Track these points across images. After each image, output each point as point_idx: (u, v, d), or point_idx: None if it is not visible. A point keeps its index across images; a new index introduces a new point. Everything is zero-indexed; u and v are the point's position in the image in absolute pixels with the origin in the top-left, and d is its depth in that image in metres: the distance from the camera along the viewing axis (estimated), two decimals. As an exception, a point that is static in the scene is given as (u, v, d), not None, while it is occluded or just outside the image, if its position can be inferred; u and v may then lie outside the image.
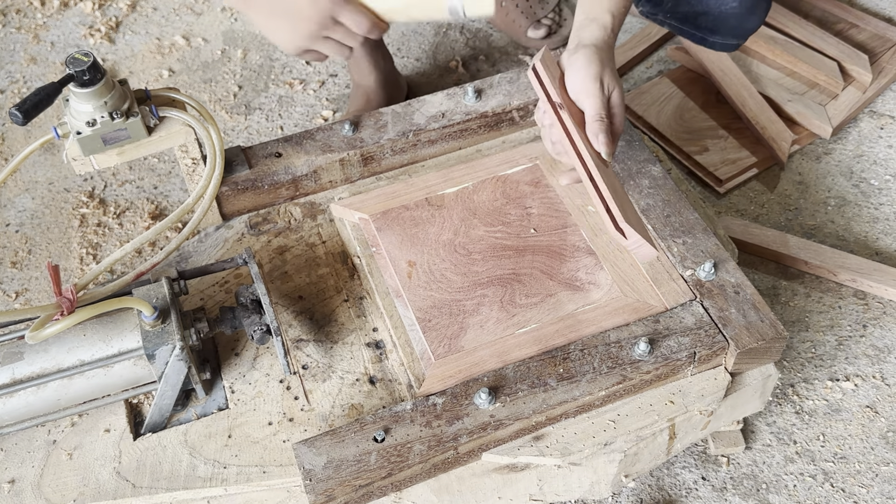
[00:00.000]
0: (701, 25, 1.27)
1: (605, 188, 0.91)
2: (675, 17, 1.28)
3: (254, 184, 1.16)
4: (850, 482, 1.19)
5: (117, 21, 1.87)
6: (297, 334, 1.06)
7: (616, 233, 0.91)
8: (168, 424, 1.00)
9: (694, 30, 1.28)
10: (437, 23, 1.08)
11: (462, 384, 0.97)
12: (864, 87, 1.59)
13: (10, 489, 0.96)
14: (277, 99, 1.70)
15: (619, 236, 0.91)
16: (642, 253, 0.92)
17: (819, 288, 1.39)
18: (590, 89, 0.92)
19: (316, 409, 1.00)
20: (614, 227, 0.91)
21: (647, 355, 0.98)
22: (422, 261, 1.09)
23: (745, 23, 1.26)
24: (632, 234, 0.90)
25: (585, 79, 0.93)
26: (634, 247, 0.92)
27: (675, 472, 1.20)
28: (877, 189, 1.51)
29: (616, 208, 0.90)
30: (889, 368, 1.30)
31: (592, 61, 0.93)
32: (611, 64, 0.95)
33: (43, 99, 0.93)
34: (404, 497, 0.97)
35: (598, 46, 0.96)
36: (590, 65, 0.93)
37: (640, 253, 0.92)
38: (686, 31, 1.30)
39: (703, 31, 1.28)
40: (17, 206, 1.56)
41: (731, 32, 1.27)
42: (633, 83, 1.71)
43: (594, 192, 0.93)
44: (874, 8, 1.79)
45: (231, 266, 1.03)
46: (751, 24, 1.26)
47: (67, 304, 0.90)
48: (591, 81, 0.92)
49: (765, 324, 1.01)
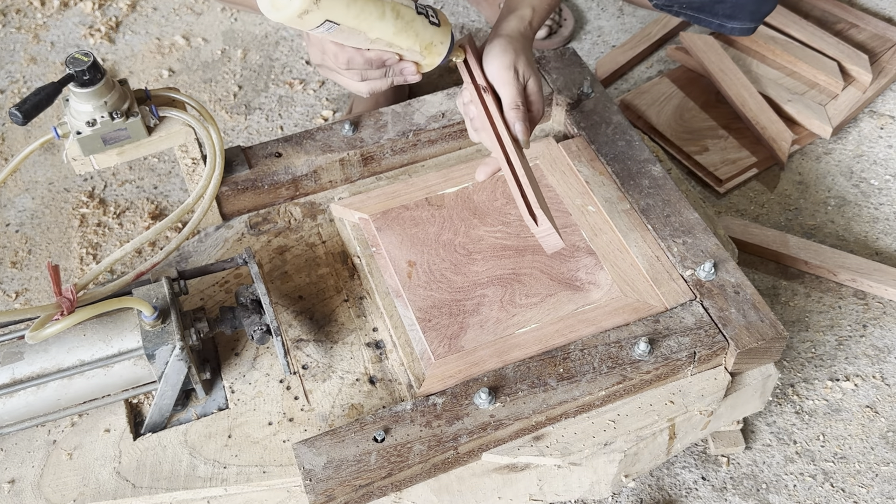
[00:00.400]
0: (717, 13, 1.30)
1: (522, 173, 0.93)
2: (690, 6, 1.31)
3: (254, 184, 1.16)
4: (850, 482, 1.19)
5: (117, 21, 1.87)
6: (297, 334, 1.06)
7: (529, 219, 0.92)
8: (168, 424, 1.00)
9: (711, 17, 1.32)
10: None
11: (462, 384, 0.97)
12: (864, 87, 1.59)
13: (10, 489, 0.96)
14: (277, 99, 1.70)
15: (531, 222, 0.92)
16: (550, 242, 0.93)
17: (819, 288, 1.39)
18: (504, 77, 0.95)
19: (316, 409, 1.00)
20: (528, 213, 0.92)
21: (647, 355, 0.99)
22: (422, 261, 1.09)
23: (761, 6, 1.30)
24: (543, 222, 0.92)
25: (500, 68, 0.95)
26: (543, 234, 0.93)
27: (675, 472, 1.20)
28: (877, 189, 1.51)
29: (532, 194, 0.92)
30: (889, 368, 1.30)
31: (507, 51, 0.96)
32: (526, 53, 0.98)
33: (43, 99, 0.93)
34: (404, 497, 0.97)
35: (513, 37, 0.98)
36: (504, 54, 0.96)
37: (547, 242, 0.93)
38: (703, 20, 1.33)
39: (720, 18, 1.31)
40: (17, 206, 1.56)
41: (748, 17, 1.31)
42: (633, 83, 1.71)
43: (511, 176, 0.94)
44: (874, 8, 1.79)
45: (231, 266, 1.03)
46: (767, 6, 1.31)
47: (67, 304, 0.90)
48: (506, 70, 0.95)
49: (765, 324, 1.01)
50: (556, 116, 1.28)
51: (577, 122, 1.22)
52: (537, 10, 1.03)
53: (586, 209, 1.14)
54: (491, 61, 0.96)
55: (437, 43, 0.93)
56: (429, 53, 0.93)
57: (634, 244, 1.09)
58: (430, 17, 0.92)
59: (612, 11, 1.84)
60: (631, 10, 1.84)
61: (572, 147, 1.20)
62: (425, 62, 0.95)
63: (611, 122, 1.22)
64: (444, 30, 0.93)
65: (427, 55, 0.93)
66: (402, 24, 0.89)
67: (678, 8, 1.33)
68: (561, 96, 1.25)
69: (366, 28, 0.86)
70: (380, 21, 0.86)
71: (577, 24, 1.82)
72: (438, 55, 0.94)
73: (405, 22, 0.89)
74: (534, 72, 0.98)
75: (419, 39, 0.91)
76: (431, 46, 0.93)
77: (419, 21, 0.90)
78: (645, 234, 1.10)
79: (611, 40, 1.79)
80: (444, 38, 0.93)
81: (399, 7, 0.88)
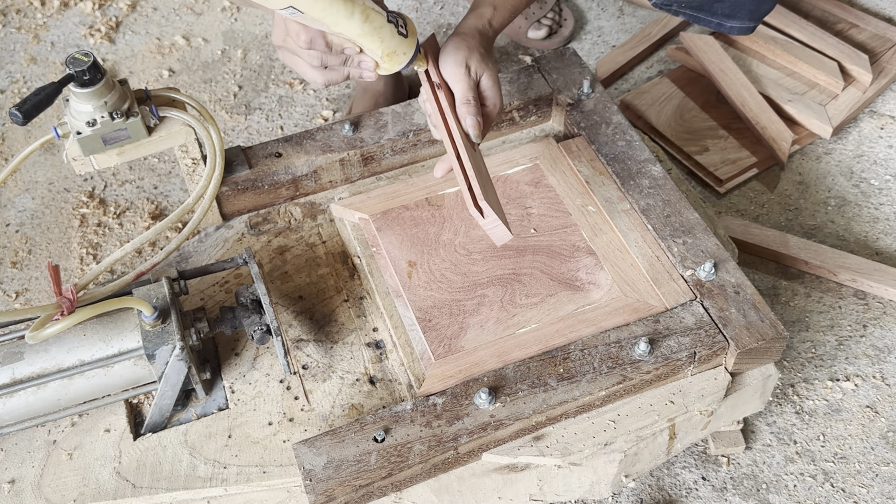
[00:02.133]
0: (716, 11, 1.31)
1: (470, 166, 0.95)
2: (689, 6, 1.32)
3: (254, 184, 1.16)
4: (850, 482, 1.19)
5: (117, 21, 1.87)
6: (297, 334, 1.06)
7: (475, 211, 0.94)
8: (168, 424, 1.00)
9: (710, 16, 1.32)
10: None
11: (462, 384, 0.97)
12: (864, 87, 1.59)
13: (10, 489, 0.96)
14: (277, 99, 1.70)
15: (478, 214, 0.94)
16: (497, 234, 0.95)
17: (819, 288, 1.39)
18: (456, 74, 0.97)
19: (316, 409, 1.00)
20: (474, 205, 0.94)
21: (648, 355, 0.99)
22: (422, 261, 1.09)
23: (760, 5, 1.30)
24: (489, 214, 0.93)
25: (452, 64, 0.97)
26: (490, 226, 0.94)
27: (675, 472, 1.20)
28: (877, 189, 1.51)
29: (477, 186, 0.94)
30: (889, 368, 1.30)
31: (460, 48, 0.98)
32: (480, 50, 0.99)
33: (43, 99, 0.93)
34: (404, 497, 0.97)
35: (468, 34, 1.00)
36: (457, 51, 0.98)
37: (495, 233, 0.95)
38: (702, 19, 1.33)
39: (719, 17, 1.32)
40: (17, 206, 1.56)
41: (747, 16, 1.31)
42: (633, 83, 1.71)
43: (459, 169, 0.96)
44: (874, 8, 1.79)
45: (231, 266, 1.03)
46: (766, 5, 1.31)
47: (67, 304, 0.90)
48: (457, 66, 0.97)
49: (765, 324, 1.01)
50: (556, 116, 1.28)
51: (577, 122, 1.22)
52: (499, 8, 1.05)
53: (586, 209, 1.14)
54: (444, 59, 0.98)
55: (399, 53, 0.93)
56: (389, 60, 0.94)
57: (634, 244, 1.09)
58: (399, 28, 0.92)
59: (612, 11, 1.84)
60: (631, 10, 1.84)
61: (572, 147, 1.20)
62: (384, 66, 0.95)
63: (611, 122, 1.22)
64: (410, 41, 0.94)
65: (387, 62, 0.94)
66: (370, 28, 0.89)
67: (677, 7, 1.33)
68: (561, 96, 1.25)
69: (330, 23, 0.87)
70: (346, 20, 0.87)
71: (577, 24, 1.82)
72: (398, 64, 0.94)
73: (373, 27, 0.89)
74: (488, 68, 0.99)
75: (383, 46, 0.92)
76: (393, 55, 0.93)
77: (387, 29, 0.91)
78: (645, 234, 1.10)
79: (611, 40, 1.79)
80: (408, 50, 0.94)
81: (370, 12, 0.88)
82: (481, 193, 0.94)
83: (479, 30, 1.02)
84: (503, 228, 0.94)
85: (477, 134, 0.98)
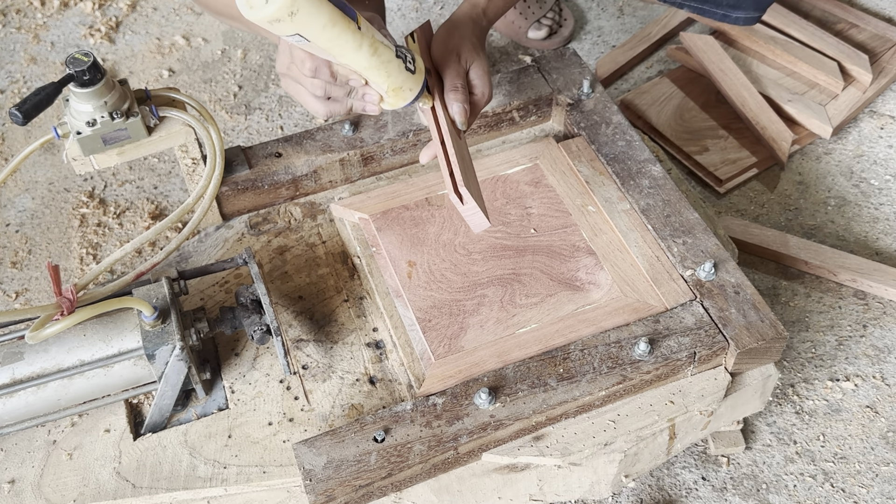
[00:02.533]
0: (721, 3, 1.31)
1: (453, 152, 0.94)
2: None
3: (254, 184, 1.16)
4: (850, 482, 1.19)
5: (117, 21, 1.87)
6: (297, 334, 1.06)
7: (455, 197, 0.93)
8: (168, 424, 1.00)
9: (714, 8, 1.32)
10: None
11: (462, 384, 0.97)
12: (864, 87, 1.59)
13: (10, 489, 0.96)
14: (277, 99, 1.70)
15: (457, 201, 0.93)
16: (476, 221, 0.95)
17: (819, 288, 1.39)
18: (445, 60, 0.97)
19: (316, 409, 1.00)
20: (454, 191, 0.93)
21: (647, 355, 0.99)
22: (422, 261, 1.09)
23: None
24: (469, 200, 0.93)
25: (443, 52, 0.97)
26: (469, 213, 0.94)
27: (675, 472, 1.20)
28: (877, 189, 1.51)
29: (459, 173, 0.93)
30: (889, 368, 1.30)
31: (451, 35, 0.98)
32: (472, 39, 0.99)
33: (43, 99, 0.93)
34: (404, 497, 0.97)
35: (462, 22, 1.00)
36: (448, 38, 0.98)
37: (473, 221, 0.95)
38: (706, 10, 1.34)
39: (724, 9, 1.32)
40: (17, 206, 1.56)
41: (752, 5, 1.32)
42: (633, 83, 1.71)
43: (442, 154, 0.95)
44: (874, 8, 1.79)
45: (231, 266, 1.03)
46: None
47: (67, 304, 0.90)
48: (448, 54, 0.97)
49: (765, 324, 1.01)
50: (556, 116, 1.28)
51: (577, 122, 1.22)
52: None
53: (586, 209, 1.14)
54: (435, 45, 0.98)
55: (405, 89, 0.91)
56: (394, 96, 0.91)
57: (634, 244, 1.09)
58: (408, 63, 0.90)
59: (612, 11, 1.84)
60: (631, 10, 1.84)
61: (572, 147, 1.20)
62: (388, 101, 0.93)
63: (611, 122, 1.22)
64: (417, 78, 0.92)
65: (392, 97, 0.91)
66: (377, 61, 0.87)
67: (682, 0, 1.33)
68: (561, 96, 1.25)
69: (337, 53, 0.84)
70: (354, 52, 0.85)
71: (577, 24, 1.82)
72: (403, 100, 0.92)
73: (380, 61, 0.87)
74: (478, 57, 0.99)
75: (389, 80, 0.89)
76: (399, 91, 0.91)
77: (395, 64, 0.88)
78: (645, 234, 1.10)
79: (611, 40, 1.79)
80: (414, 86, 0.92)
81: (378, 45, 0.86)
82: (462, 179, 0.93)
83: (473, 18, 1.02)
84: (481, 216, 0.94)
85: (462, 121, 0.97)
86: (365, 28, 0.84)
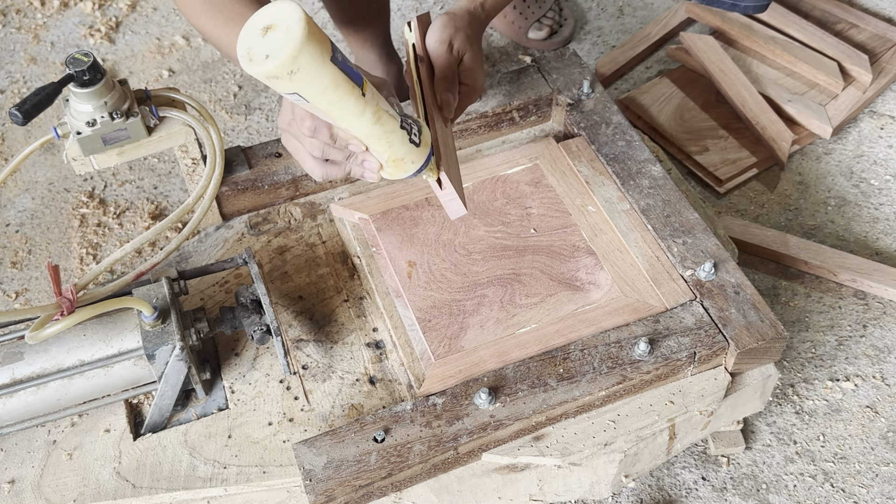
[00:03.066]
0: None
1: (437, 138, 0.93)
2: None
3: (254, 184, 1.16)
4: (850, 482, 1.19)
5: (117, 21, 1.87)
6: (297, 334, 1.06)
7: (434, 182, 0.93)
8: (168, 424, 1.00)
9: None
10: None
11: (462, 384, 0.97)
12: (864, 87, 1.59)
13: (10, 489, 0.96)
14: (277, 99, 1.70)
15: (436, 186, 0.93)
16: (452, 208, 0.94)
17: (819, 288, 1.39)
18: (438, 50, 0.97)
19: (316, 410, 1.00)
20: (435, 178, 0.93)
21: (647, 355, 0.99)
22: (422, 261, 1.09)
23: None
24: (447, 186, 0.92)
25: (436, 41, 0.97)
26: (447, 199, 0.94)
27: (675, 472, 1.20)
28: (877, 189, 1.51)
29: (442, 158, 0.92)
30: (889, 368, 1.30)
31: (446, 26, 0.98)
32: (467, 30, 0.99)
33: (43, 99, 0.93)
34: (404, 497, 0.97)
35: (458, 14, 1.01)
36: (443, 29, 0.98)
37: (450, 207, 0.95)
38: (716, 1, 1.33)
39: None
40: (17, 206, 1.56)
41: None
42: (633, 83, 1.71)
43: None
44: (874, 8, 1.79)
45: (231, 266, 1.03)
46: None
47: (67, 304, 0.90)
48: (440, 44, 0.97)
49: (765, 324, 1.01)
50: (556, 116, 1.28)
51: (577, 122, 1.22)
52: None
53: (586, 209, 1.14)
54: (430, 35, 0.98)
55: (407, 161, 0.86)
56: (394, 167, 0.86)
57: (634, 244, 1.09)
58: (412, 135, 0.85)
59: (612, 11, 1.84)
60: (631, 10, 1.84)
61: (572, 147, 1.20)
62: (388, 171, 0.88)
63: (611, 122, 1.22)
64: (421, 151, 0.86)
65: (392, 167, 0.86)
66: (379, 130, 0.82)
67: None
68: (561, 96, 1.25)
69: (338, 118, 0.80)
70: (355, 119, 0.80)
71: (577, 24, 1.82)
72: (404, 172, 0.87)
73: (383, 130, 0.82)
74: (472, 48, 0.99)
75: (391, 151, 0.84)
76: (400, 163, 0.86)
77: (398, 135, 0.84)
78: (645, 234, 1.10)
79: (611, 40, 1.79)
80: (417, 160, 0.87)
81: (382, 114, 0.81)
82: (443, 165, 0.92)
83: (470, 11, 1.02)
84: (458, 202, 0.93)
85: (450, 109, 0.97)
86: (370, 95, 0.80)
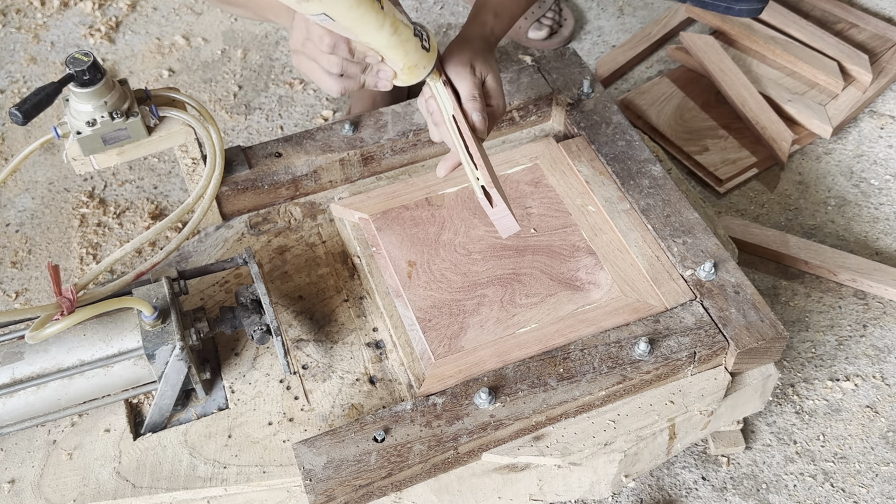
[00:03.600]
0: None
1: (479, 157, 0.96)
2: None
3: (254, 184, 1.16)
4: (850, 482, 1.19)
5: (117, 21, 1.87)
6: (297, 334, 1.06)
7: (484, 200, 0.95)
8: (168, 424, 1.00)
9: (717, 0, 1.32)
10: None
11: (462, 384, 0.97)
12: (864, 87, 1.59)
13: (10, 489, 0.96)
14: (277, 99, 1.70)
15: (487, 204, 0.95)
16: (505, 224, 0.96)
17: (819, 288, 1.39)
18: (461, 73, 0.99)
19: (316, 409, 1.00)
20: (483, 193, 0.95)
21: (647, 355, 0.99)
22: (422, 261, 1.09)
23: None
24: (498, 202, 0.94)
25: (457, 64, 0.99)
26: (499, 216, 0.95)
27: (675, 472, 1.20)
28: (877, 189, 1.51)
29: (487, 175, 0.95)
30: (889, 368, 1.30)
31: (464, 50, 1.00)
32: (484, 54, 1.02)
33: (43, 99, 0.93)
34: (404, 497, 0.97)
35: (472, 38, 1.03)
36: (462, 52, 1.00)
37: (502, 224, 0.96)
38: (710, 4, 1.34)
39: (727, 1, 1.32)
40: (17, 206, 1.56)
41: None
42: (633, 83, 1.71)
43: (468, 160, 0.97)
44: (874, 8, 1.79)
45: (231, 266, 1.03)
46: None
47: (67, 304, 0.90)
48: (462, 66, 0.99)
49: (765, 324, 1.01)
50: (556, 116, 1.28)
51: (577, 122, 1.22)
52: (500, 16, 1.07)
53: (586, 209, 1.14)
54: (448, 58, 0.99)
55: (419, 66, 0.93)
56: (408, 73, 0.94)
57: (634, 244, 1.09)
58: (423, 42, 0.92)
59: (612, 11, 1.84)
60: (631, 10, 1.84)
61: (572, 147, 1.20)
62: (402, 78, 0.95)
63: (611, 122, 1.22)
64: (431, 55, 0.94)
65: (406, 73, 0.94)
66: (397, 40, 0.89)
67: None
68: (561, 96, 1.25)
69: (360, 32, 0.86)
70: (376, 31, 0.86)
71: (577, 24, 1.82)
72: (416, 77, 0.94)
73: (399, 39, 0.89)
74: (492, 70, 1.01)
75: (406, 59, 0.91)
76: (414, 68, 0.93)
77: (412, 42, 0.91)
78: (645, 234, 1.10)
79: (611, 40, 1.79)
80: (428, 63, 0.94)
81: (399, 24, 0.88)
82: (493, 181, 0.94)
83: (483, 36, 1.04)
84: (511, 219, 0.95)
85: (483, 129, 0.99)
86: (387, 7, 0.86)
